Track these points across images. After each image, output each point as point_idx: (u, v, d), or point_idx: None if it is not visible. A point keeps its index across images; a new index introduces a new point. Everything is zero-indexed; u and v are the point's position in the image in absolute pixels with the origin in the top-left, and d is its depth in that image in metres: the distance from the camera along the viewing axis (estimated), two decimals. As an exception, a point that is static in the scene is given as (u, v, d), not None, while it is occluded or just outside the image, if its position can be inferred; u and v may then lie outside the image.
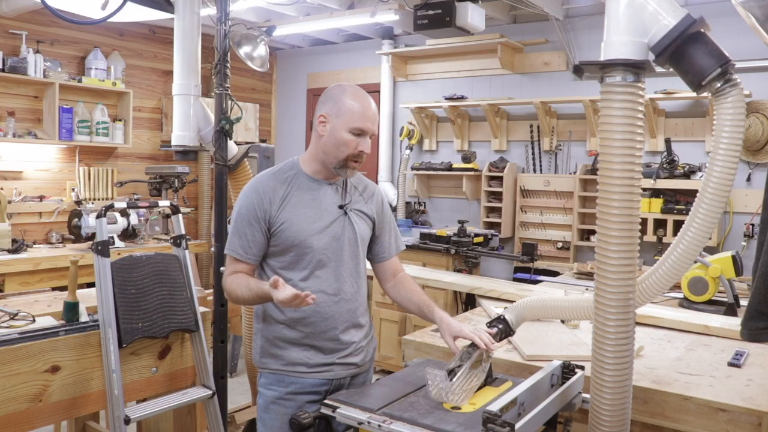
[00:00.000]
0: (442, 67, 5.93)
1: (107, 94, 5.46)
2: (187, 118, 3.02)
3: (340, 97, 1.85)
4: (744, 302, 2.44)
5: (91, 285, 2.60)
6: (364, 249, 1.99)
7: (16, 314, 2.24)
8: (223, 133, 2.83)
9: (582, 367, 1.77)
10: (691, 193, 4.32)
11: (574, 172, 5.18)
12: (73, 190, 5.25)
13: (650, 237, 4.51)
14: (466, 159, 5.60)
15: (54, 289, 2.95)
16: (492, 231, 5.05)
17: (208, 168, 5.81)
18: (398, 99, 6.25)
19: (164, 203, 2.67)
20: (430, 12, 4.11)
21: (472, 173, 5.57)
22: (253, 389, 3.48)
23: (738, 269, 2.92)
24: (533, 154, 5.49)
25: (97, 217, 2.27)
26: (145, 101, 5.96)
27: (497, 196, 5.46)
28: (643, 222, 4.49)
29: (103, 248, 2.22)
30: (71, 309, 2.27)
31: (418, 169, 5.90)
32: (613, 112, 1.47)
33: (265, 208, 1.84)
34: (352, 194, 1.97)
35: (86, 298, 2.46)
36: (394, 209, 6.06)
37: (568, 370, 1.76)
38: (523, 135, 5.55)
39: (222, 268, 2.01)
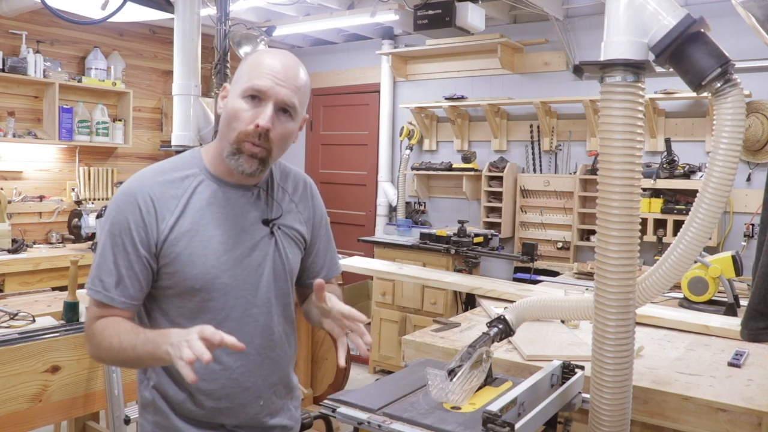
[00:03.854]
0: (442, 67, 5.93)
1: (107, 94, 5.45)
2: (187, 118, 3.02)
3: (245, 60, 1.33)
4: (744, 302, 2.44)
5: (91, 285, 2.59)
6: (293, 283, 1.49)
7: (16, 314, 2.24)
8: (223, 133, 2.83)
9: (582, 367, 1.77)
10: (691, 193, 4.32)
11: (574, 172, 5.18)
12: (73, 190, 5.25)
13: (650, 237, 4.51)
14: (466, 159, 5.60)
15: (54, 289, 2.95)
16: (492, 231, 5.05)
17: (208, 168, 5.80)
18: (398, 99, 6.25)
19: (164, 203, 2.66)
20: (430, 12, 4.10)
21: (472, 173, 5.57)
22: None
23: (738, 269, 2.92)
24: (533, 154, 5.49)
25: (97, 217, 2.27)
26: (145, 101, 5.95)
27: (497, 196, 5.46)
28: (643, 222, 4.49)
29: (103, 248, 2.21)
30: (71, 309, 2.27)
31: (418, 169, 5.89)
32: (613, 112, 1.47)
33: (148, 228, 1.27)
34: (281, 201, 1.43)
35: (86, 298, 2.46)
36: (394, 209, 6.05)
37: (568, 370, 1.76)
38: (523, 135, 5.55)
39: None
